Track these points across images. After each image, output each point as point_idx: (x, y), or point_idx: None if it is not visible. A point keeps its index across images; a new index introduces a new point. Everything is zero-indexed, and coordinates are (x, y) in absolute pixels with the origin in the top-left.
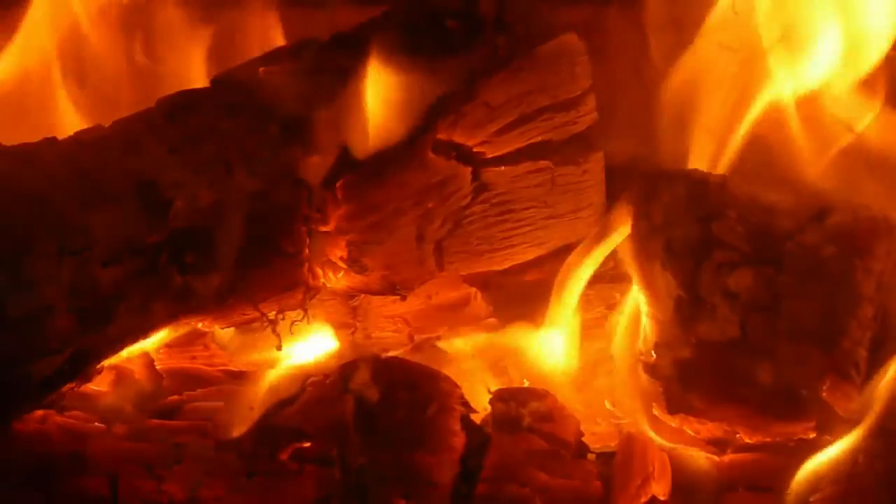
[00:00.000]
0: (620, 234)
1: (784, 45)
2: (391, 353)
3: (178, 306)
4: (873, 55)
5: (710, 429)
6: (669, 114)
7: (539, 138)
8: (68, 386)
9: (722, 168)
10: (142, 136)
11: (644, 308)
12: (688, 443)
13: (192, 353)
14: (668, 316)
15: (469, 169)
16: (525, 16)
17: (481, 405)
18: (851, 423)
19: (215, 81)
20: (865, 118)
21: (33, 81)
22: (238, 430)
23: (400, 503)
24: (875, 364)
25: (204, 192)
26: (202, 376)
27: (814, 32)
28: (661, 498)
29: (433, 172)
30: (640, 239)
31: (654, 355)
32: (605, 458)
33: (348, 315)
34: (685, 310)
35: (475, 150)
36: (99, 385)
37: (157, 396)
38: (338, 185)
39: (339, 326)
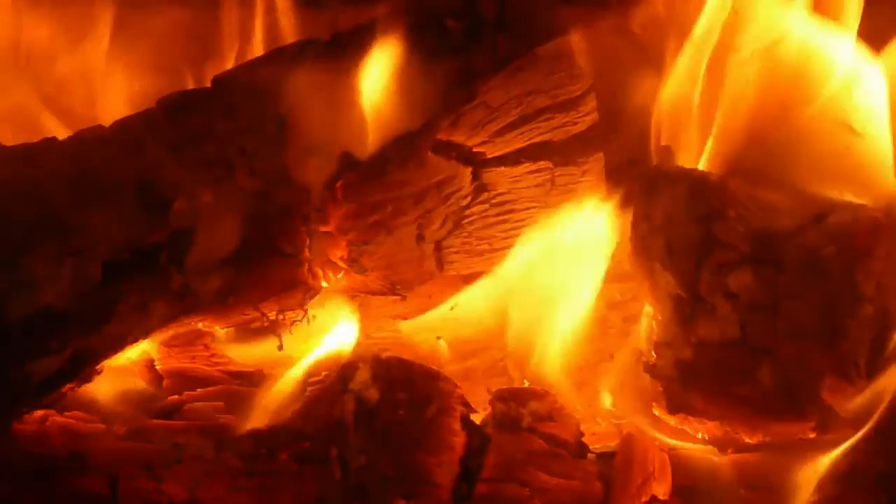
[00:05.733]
0: (621, 233)
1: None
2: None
3: (178, 306)
4: None
5: (711, 428)
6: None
7: (539, 138)
8: (68, 386)
9: (722, 168)
10: (142, 135)
11: (645, 308)
12: (688, 443)
13: (192, 354)
14: (668, 316)
15: (469, 169)
16: (525, 16)
17: (481, 405)
18: (851, 423)
19: (215, 81)
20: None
21: None
22: (241, 430)
23: (400, 503)
24: (875, 364)
25: (204, 192)
26: (202, 376)
27: None
28: (662, 498)
29: (433, 172)
30: (640, 239)
31: (655, 355)
32: (605, 458)
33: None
34: (685, 310)
35: (475, 150)
36: (99, 385)
37: (157, 396)
38: (338, 184)
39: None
